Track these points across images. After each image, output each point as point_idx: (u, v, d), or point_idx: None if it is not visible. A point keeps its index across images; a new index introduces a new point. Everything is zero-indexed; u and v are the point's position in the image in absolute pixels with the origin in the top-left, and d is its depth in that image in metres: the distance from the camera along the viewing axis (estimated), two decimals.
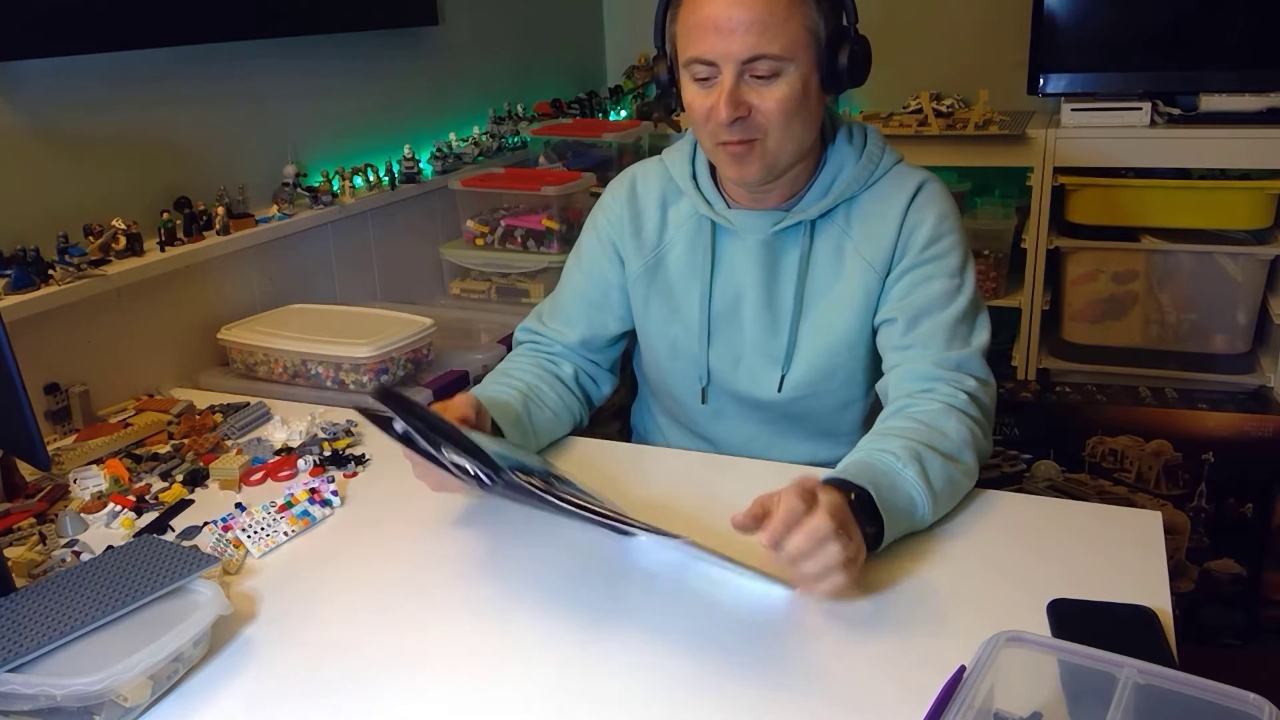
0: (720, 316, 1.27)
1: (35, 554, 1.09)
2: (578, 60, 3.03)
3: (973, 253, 1.24)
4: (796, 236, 1.22)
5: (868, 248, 1.20)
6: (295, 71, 1.94)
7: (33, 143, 1.49)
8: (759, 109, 1.10)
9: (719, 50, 1.08)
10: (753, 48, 1.07)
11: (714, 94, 1.11)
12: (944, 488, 1.05)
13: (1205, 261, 2.32)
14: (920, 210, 1.20)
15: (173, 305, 1.65)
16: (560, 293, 1.39)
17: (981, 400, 1.15)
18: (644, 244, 1.30)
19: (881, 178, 1.22)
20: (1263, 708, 0.67)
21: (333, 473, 1.25)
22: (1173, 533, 2.09)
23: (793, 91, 1.10)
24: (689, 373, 1.31)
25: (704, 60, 1.10)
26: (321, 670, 0.88)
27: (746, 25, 1.07)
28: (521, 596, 0.97)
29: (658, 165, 1.33)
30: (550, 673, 0.86)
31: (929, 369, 1.15)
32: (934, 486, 1.03)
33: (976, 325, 1.20)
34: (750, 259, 1.24)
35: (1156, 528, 1.03)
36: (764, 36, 1.07)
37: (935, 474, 1.04)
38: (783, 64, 1.09)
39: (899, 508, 1.00)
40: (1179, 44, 2.32)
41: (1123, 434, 2.08)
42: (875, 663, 0.85)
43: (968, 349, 1.17)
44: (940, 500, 1.05)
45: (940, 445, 1.07)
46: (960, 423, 1.10)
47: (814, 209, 1.20)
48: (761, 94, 1.10)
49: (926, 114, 2.44)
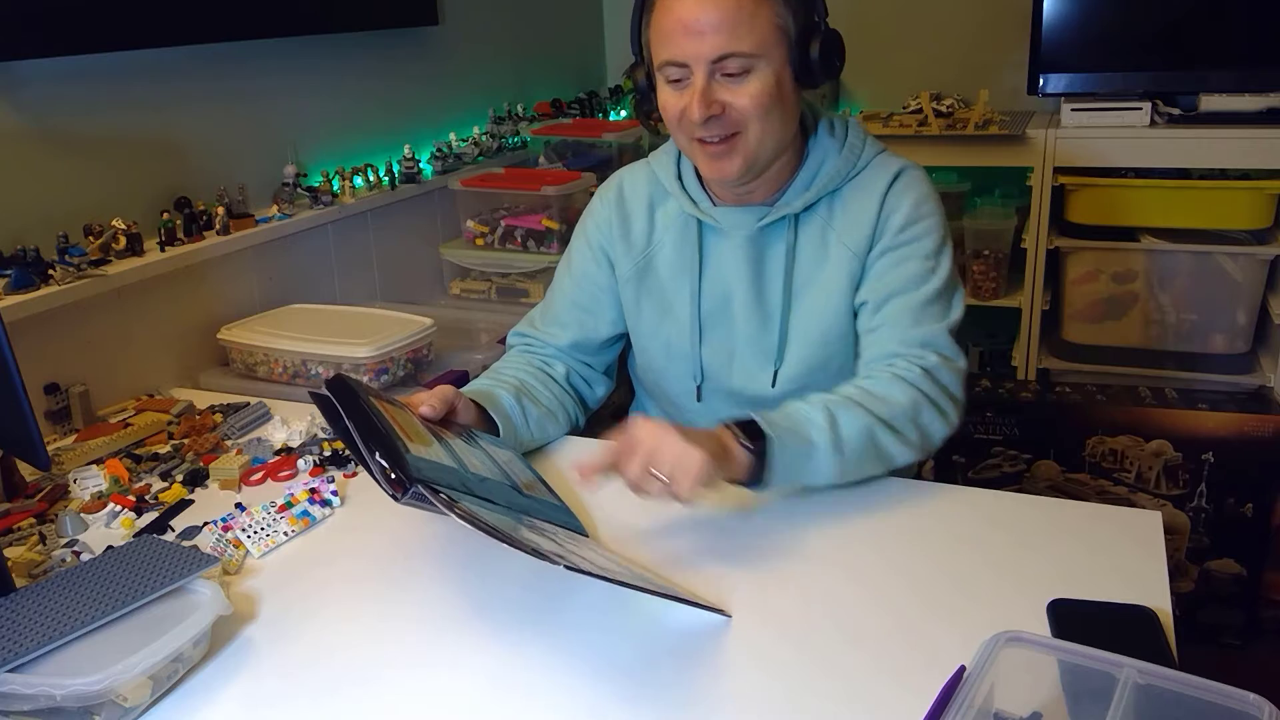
0: (711, 314, 1.28)
1: (35, 554, 1.09)
2: (578, 60, 3.03)
3: (973, 253, 1.24)
4: (781, 231, 1.23)
5: (849, 235, 1.22)
6: (295, 71, 1.94)
7: (33, 143, 1.49)
8: (732, 106, 1.12)
9: (689, 51, 1.10)
10: (721, 47, 1.09)
11: (686, 95, 1.13)
12: (859, 444, 1.06)
13: (1205, 261, 2.31)
14: (898, 195, 1.21)
15: (173, 305, 1.65)
16: (551, 297, 1.40)
17: (940, 375, 1.15)
18: (633, 246, 1.31)
19: (864, 169, 1.23)
20: (1262, 708, 0.67)
21: (333, 473, 1.25)
22: (1173, 533, 2.09)
23: (765, 87, 1.12)
24: (683, 372, 1.31)
25: (676, 62, 1.12)
26: (321, 670, 0.88)
27: (715, 25, 1.08)
28: (523, 596, 0.97)
29: (644, 168, 1.34)
30: (551, 672, 0.86)
31: (893, 346, 1.17)
32: (841, 436, 1.05)
33: (951, 306, 1.20)
34: (738, 256, 1.25)
35: (1156, 528, 1.03)
36: (732, 35, 1.09)
37: (850, 427, 1.05)
38: (752, 60, 1.11)
39: (791, 441, 1.03)
40: (1179, 44, 2.31)
41: (1123, 434, 2.08)
42: (875, 663, 0.85)
43: (935, 325, 1.18)
44: (850, 456, 1.06)
45: (873, 408, 1.08)
46: (905, 393, 1.11)
47: (798, 202, 1.22)
48: (734, 91, 1.12)
49: (926, 114, 2.44)
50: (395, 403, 1.06)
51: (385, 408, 1.00)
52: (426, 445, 0.99)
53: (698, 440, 0.96)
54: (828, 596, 0.95)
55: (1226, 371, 2.34)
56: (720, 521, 1.09)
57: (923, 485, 1.16)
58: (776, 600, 0.95)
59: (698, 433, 0.99)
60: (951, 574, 0.98)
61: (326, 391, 0.97)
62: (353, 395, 0.97)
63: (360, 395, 0.98)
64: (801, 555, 1.02)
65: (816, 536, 1.06)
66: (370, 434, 0.93)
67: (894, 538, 1.05)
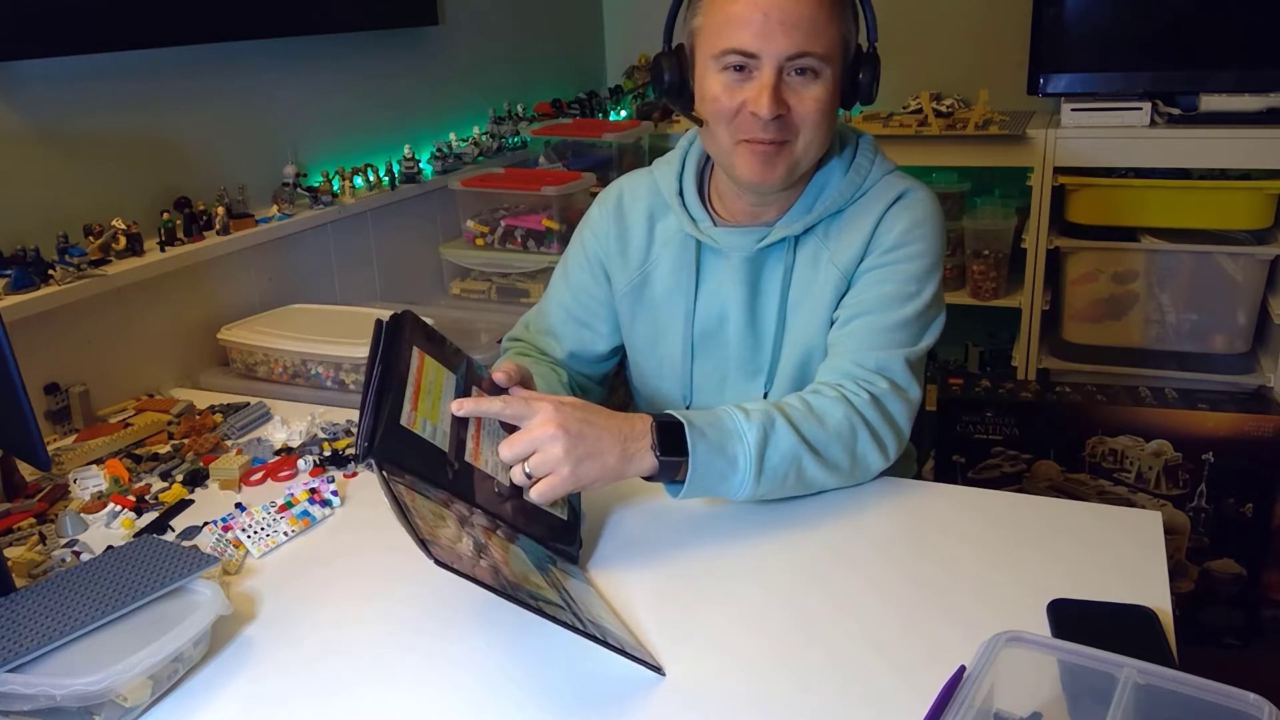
0: (705, 335, 1.26)
1: (35, 554, 1.09)
2: (578, 60, 3.03)
3: (973, 253, 1.24)
4: (780, 252, 1.21)
5: (841, 255, 1.19)
6: (295, 71, 1.94)
7: (33, 143, 1.49)
8: (796, 109, 1.10)
9: (763, 43, 1.07)
10: (800, 44, 1.07)
11: (749, 88, 1.09)
12: (782, 470, 1.04)
13: (1205, 261, 2.31)
14: (894, 216, 1.18)
15: (173, 305, 1.65)
16: (546, 306, 1.38)
17: (886, 404, 1.11)
18: (630, 262, 1.30)
19: (868, 190, 1.20)
20: (1262, 708, 0.67)
21: (333, 473, 1.25)
22: (1173, 533, 2.09)
23: (827, 94, 1.10)
24: (674, 390, 1.30)
25: (745, 52, 1.08)
26: (321, 670, 0.88)
27: (795, 21, 1.06)
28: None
29: (647, 178, 1.31)
30: (550, 672, 0.86)
31: (847, 365, 1.14)
32: (765, 463, 1.02)
33: (922, 335, 1.17)
34: (735, 277, 1.22)
35: (1156, 528, 1.03)
36: (811, 34, 1.07)
37: (776, 453, 1.03)
38: (821, 65, 1.09)
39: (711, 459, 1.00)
40: (1179, 44, 2.31)
41: (1123, 434, 2.08)
42: (875, 662, 0.85)
43: (894, 351, 1.14)
44: (768, 481, 1.03)
45: (808, 431, 1.05)
46: (846, 417, 1.08)
47: (798, 225, 1.19)
48: (800, 94, 1.09)
49: (926, 114, 2.44)
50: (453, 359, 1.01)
51: (430, 364, 0.97)
52: (434, 421, 0.95)
53: (594, 447, 0.95)
54: (827, 596, 0.95)
55: (1226, 371, 2.34)
56: (717, 517, 1.10)
57: (923, 485, 1.16)
58: (776, 600, 0.95)
59: (607, 429, 0.97)
60: (951, 574, 0.98)
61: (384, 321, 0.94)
62: (399, 340, 0.94)
63: (411, 341, 0.95)
64: (801, 555, 1.02)
65: (816, 536, 1.06)
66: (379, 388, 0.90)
67: (894, 537, 1.05)
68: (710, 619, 0.92)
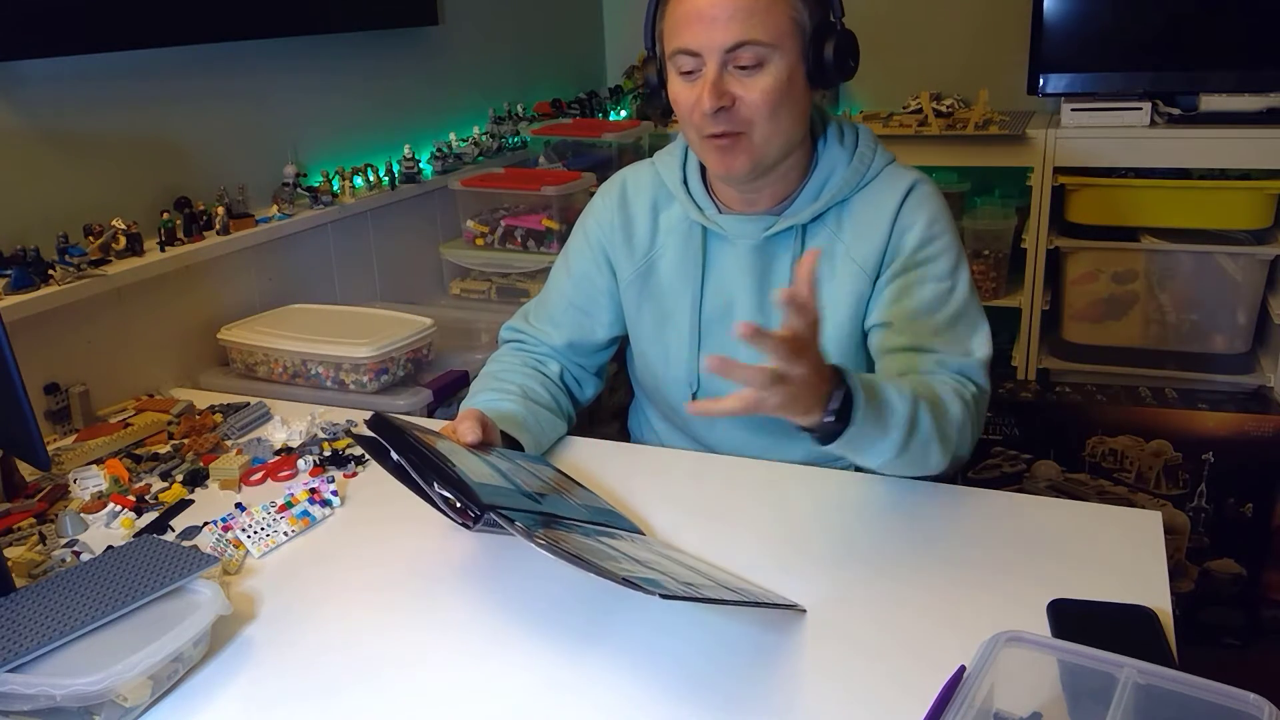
0: (712, 323, 1.26)
1: (35, 554, 1.09)
2: (578, 60, 3.03)
3: (973, 253, 1.24)
4: (788, 241, 1.21)
5: (858, 250, 1.20)
6: (295, 71, 1.94)
7: (33, 143, 1.49)
8: (743, 99, 1.10)
9: (702, 39, 1.08)
10: (736, 35, 1.07)
11: (698, 86, 1.11)
12: (919, 450, 1.03)
13: (1205, 261, 2.31)
14: (912, 212, 1.19)
15: (173, 305, 1.65)
16: (547, 295, 1.38)
17: (981, 405, 1.14)
18: (635, 251, 1.30)
19: (874, 179, 1.21)
20: (1262, 708, 0.67)
21: (333, 473, 1.25)
22: (1173, 533, 2.09)
23: (777, 82, 1.10)
24: (680, 379, 1.30)
25: (688, 51, 1.10)
26: (321, 670, 0.88)
27: (730, 13, 1.07)
28: (521, 597, 0.97)
29: (649, 169, 1.32)
30: (547, 673, 0.86)
31: (932, 366, 1.15)
32: (911, 440, 1.01)
33: (976, 331, 1.18)
34: (742, 265, 1.23)
35: (1156, 528, 1.03)
36: (747, 24, 1.07)
37: (921, 433, 1.03)
38: (766, 51, 1.09)
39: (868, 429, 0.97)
40: (1179, 44, 2.32)
41: (1123, 434, 2.08)
42: (875, 663, 0.85)
43: (969, 359, 1.16)
44: (906, 457, 1.03)
45: (940, 419, 1.05)
46: (962, 411, 1.09)
47: (805, 213, 1.19)
48: (745, 84, 1.10)
49: (926, 114, 2.44)
50: (433, 433, 1.06)
51: (428, 439, 1.01)
52: (481, 470, 0.99)
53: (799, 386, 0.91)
54: (827, 596, 0.95)
55: (1226, 371, 2.34)
56: (709, 514, 1.10)
57: (923, 485, 1.16)
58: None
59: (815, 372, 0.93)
60: (951, 574, 0.98)
61: (371, 433, 0.98)
62: (397, 431, 0.98)
63: (405, 431, 0.99)
64: (800, 555, 1.02)
65: (815, 536, 1.06)
66: (426, 466, 0.95)
67: (894, 537, 1.05)
68: (709, 620, 0.92)
